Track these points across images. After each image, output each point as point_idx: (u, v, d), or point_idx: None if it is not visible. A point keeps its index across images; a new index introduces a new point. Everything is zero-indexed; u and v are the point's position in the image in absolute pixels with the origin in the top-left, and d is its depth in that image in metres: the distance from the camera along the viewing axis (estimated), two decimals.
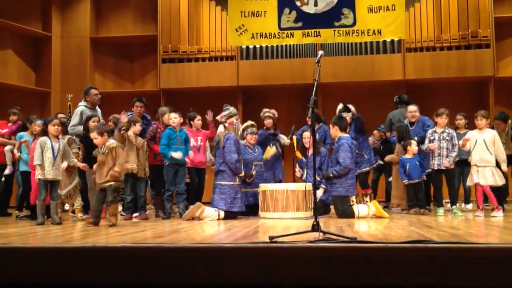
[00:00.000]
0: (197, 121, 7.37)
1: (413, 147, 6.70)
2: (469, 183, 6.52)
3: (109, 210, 5.61)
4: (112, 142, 5.73)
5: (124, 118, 6.57)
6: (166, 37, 10.98)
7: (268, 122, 7.67)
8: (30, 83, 11.23)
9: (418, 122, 7.27)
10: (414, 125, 7.27)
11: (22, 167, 6.88)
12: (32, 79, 11.33)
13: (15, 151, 7.01)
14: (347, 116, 7.31)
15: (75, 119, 7.01)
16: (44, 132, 6.13)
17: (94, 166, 5.81)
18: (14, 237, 4.32)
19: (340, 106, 7.60)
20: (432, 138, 6.57)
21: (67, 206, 7.46)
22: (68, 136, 6.62)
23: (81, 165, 6.29)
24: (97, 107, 7.36)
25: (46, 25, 11.39)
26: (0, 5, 10.47)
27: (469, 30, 10.26)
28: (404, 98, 7.95)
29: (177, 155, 6.48)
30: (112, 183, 5.57)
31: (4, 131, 7.62)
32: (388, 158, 7.43)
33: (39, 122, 6.69)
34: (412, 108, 7.35)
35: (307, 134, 6.98)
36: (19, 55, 11.06)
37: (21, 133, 7.01)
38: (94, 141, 5.76)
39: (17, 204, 7.26)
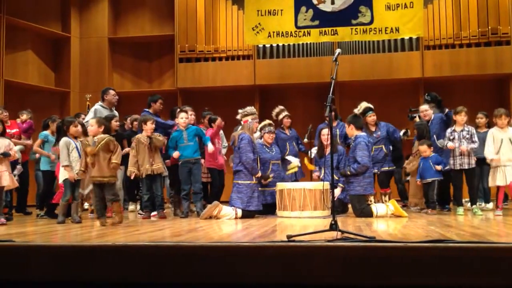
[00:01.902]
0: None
1: (422, 153, 6.66)
2: (491, 183, 6.39)
3: (113, 209, 5.57)
4: (107, 135, 5.60)
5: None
6: (183, 36, 11.02)
7: (287, 121, 7.73)
8: (50, 83, 11.39)
9: (433, 120, 7.21)
10: (429, 123, 7.22)
11: (44, 166, 6.96)
12: (51, 79, 11.48)
13: (36, 147, 7.03)
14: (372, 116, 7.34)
15: (89, 116, 7.10)
16: (64, 132, 6.20)
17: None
18: (35, 236, 4.39)
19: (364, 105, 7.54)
20: (451, 137, 6.46)
21: (86, 205, 7.55)
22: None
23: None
24: (114, 110, 7.43)
25: (65, 26, 11.53)
26: (20, 6, 10.63)
27: (489, 27, 10.10)
28: (432, 95, 7.84)
29: (175, 154, 6.56)
30: (110, 179, 5.46)
31: (13, 131, 7.68)
32: (409, 169, 7.33)
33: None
34: (423, 107, 7.35)
35: (326, 131, 6.95)
36: (39, 55, 11.21)
37: (45, 132, 7.07)
38: (89, 127, 5.71)
39: (37, 203, 7.35)
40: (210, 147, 6.72)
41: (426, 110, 7.32)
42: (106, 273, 3.05)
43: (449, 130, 6.54)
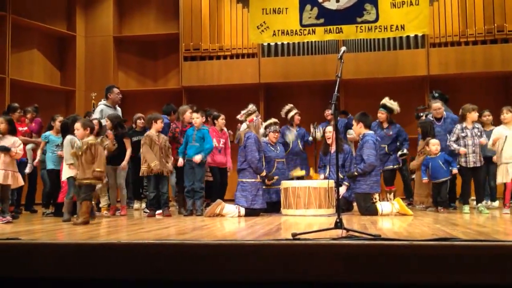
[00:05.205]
0: (221, 120, 7.39)
1: (431, 147, 6.57)
2: (500, 180, 6.34)
3: (82, 208, 5.39)
4: (90, 138, 5.59)
5: None
6: (188, 35, 11.03)
7: (298, 118, 7.74)
8: (56, 82, 11.42)
9: (446, 118, 7.15)
10: (440, 121, 7.16)
11: (49, 165, 6.98)
12: (57, 78, 11.51)
13: (39, 151, 7.09)
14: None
15: (94, 116, 7.13)
16: (71, 131, 6.20)
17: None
18: (41, 233, 4.41)
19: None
20: (463, 134, 6.39)
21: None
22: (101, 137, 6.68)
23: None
24: (117, 107, 7.45)
25: (70, 25, 11.56)
26: (26, 6, 10.66)
27: (495, 24, 10.04)
28: (439, 92, 7.81)
29: (179, 163, 6.66)
30: (92, 181, 5.47)
31: (24, 129, 7.71)
32: (412, 165, 7.31)
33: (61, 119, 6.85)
34: (436, 105, 7.24)
35: (329, 129, 6.94)
36: (44, 54, 11.24)
37: (46, 133, 7.10)
38: (75, 132, 5.70)
39: (43, 201, 7.39)
40: (197, 157, 6.51)
41: (439, 108, 7.20)
42: (111, 271, 3.06)
43: (459, 127, 6.45)
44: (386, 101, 7.51)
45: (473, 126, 6.44)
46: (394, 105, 7.45)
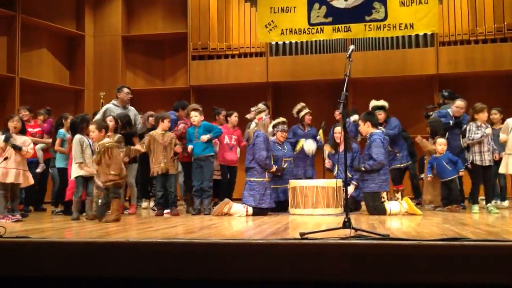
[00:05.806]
0: (234, 117, 7.40)
1: (437, 146, 6.54)
2: (502, 170, 6.33)
3: (112, 205, 5.61)
4: (107, 140, 5.69)
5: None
6: (196, 34, 11.04)
7: (308, 118, 7.67)
8: (65, 81, 11.48)
9: (463, 119, 7.06)
10: (458, 120, 7.09)
11: (59, 164, 7.01)
12: (66, 77, 11.57)
13: (57, 147, 7.07)
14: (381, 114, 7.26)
15: (98, 115, 7.19)
16: (81, 130, 6.23)
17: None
18: (50, 232, 4.43)
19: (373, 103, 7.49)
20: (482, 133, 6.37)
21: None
22: (118, 135, 6.68)
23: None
24: (130, 107, 7.48)
25: (79, 25, 11.62)
26: (35, 5, 10.72)
27: (505, 23, 9.95)
28: (449, 91, 7.73)
29: (189, 148, 6.64)
30: (118, 181, 5.58)
31: (36, 130, 7.76)
32: (419, 138, 7.17)
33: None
34: (461, 103, 7.10)
35: (338, 129, 6.92)
36: (53, 54, 11.31)
37: (62, 131, 7.13)
38: (91, 134, 5.79)
39: (53, 200, 7.43)
40: (204, 137, 6.52)
41: (463, 108, 7.06)
42: (119, 269, 3.07)
43: (475, 125, 6.40)
44: (373, 102, 7.47)
45: (486, 126, 6.43)
46: (379, 102, 7.40)
